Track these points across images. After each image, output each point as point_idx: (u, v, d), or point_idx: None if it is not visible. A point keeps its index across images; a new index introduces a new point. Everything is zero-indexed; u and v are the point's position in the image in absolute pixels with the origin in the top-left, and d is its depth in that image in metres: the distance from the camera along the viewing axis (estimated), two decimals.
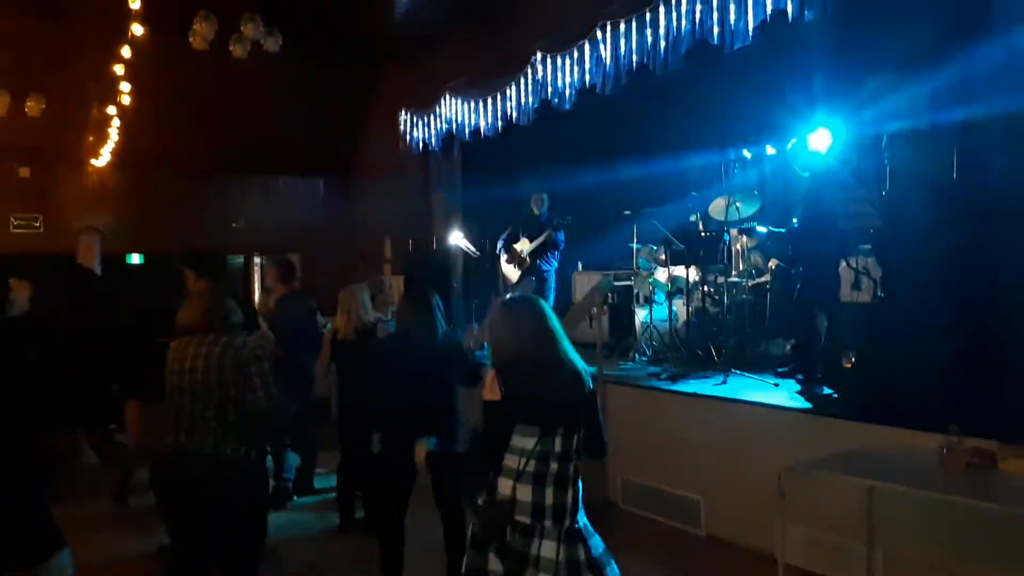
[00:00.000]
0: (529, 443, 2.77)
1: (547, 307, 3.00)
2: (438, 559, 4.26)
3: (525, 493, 2.75)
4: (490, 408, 2.84)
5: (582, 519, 2.82)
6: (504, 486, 2.78)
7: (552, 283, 8.27)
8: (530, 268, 8.09)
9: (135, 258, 12.92)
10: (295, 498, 6.23)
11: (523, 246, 8.17)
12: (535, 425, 2.78)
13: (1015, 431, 3.64)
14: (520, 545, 2.73)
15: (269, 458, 5.26)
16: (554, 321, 2.94)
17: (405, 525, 4.27)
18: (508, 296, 3.14)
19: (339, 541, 5.40)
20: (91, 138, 10.26)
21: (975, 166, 4.15)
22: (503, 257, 8.41)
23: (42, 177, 10.76)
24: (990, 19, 4.28)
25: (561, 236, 8.09)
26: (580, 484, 2.85)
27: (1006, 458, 3.47)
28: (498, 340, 2.98)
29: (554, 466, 2.77)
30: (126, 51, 7.06)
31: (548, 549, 2.72)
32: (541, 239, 8.01)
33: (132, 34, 6.52)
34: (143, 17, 6.44)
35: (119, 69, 7.44)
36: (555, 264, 8.32)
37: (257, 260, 12.72)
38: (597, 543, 2.82)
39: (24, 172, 10.59)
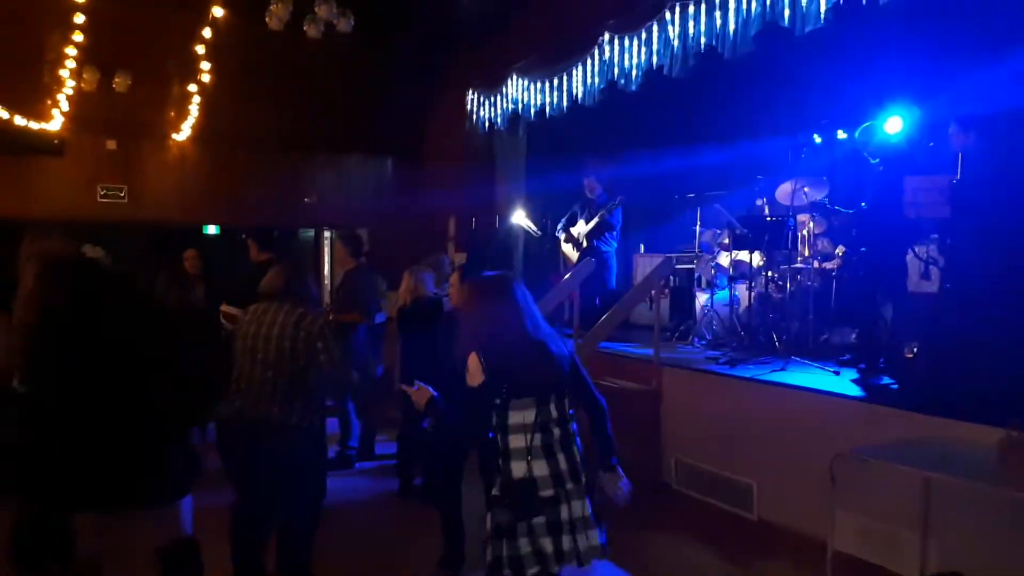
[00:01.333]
0: (529, 416, 2.83)
1: (514, 282, 3.03)
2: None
3: (541, 467, 2.81)
4: (471, 392, 2.86)
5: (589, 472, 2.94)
6: (518, 468, 2.82)
7: (612, 263, 8.30)
8: (588, 249, 8.15)
9: (211, 229, 13.44)
10: (356, 464, 6.48)
11: (580, 228, 8.25)
12: (528, 397, 2.83)
13: None
14: (551, 516, 2.78)
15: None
16: (522, 295, 2.98)
17: (462, 492, 4.43)
18: (483, 275, 3.15)
19: (397, 506, 5.61)
20: (172, 114, 10.69)
21: None
22: (562, 238, 8.49)
23: (127, 150, 11.25)
24: None
25: (616, 216, 8.10)
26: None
27: None
28: (472, 318, 3.01)
29: (557, 431, 2.85)
30: (207, 32, 7.33)
31: (577, 508, 2.82)
32: (596, 220, 8.07)
33: (213, 15, 6.77)
34: None
35: (200, 49, 7.73)
36: (614, 244, 8.33)
37: (327, 234, 13.07)
38: None
39: (111, 145, 11.09)
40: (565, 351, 2.98)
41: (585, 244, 8.20)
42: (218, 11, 6.79)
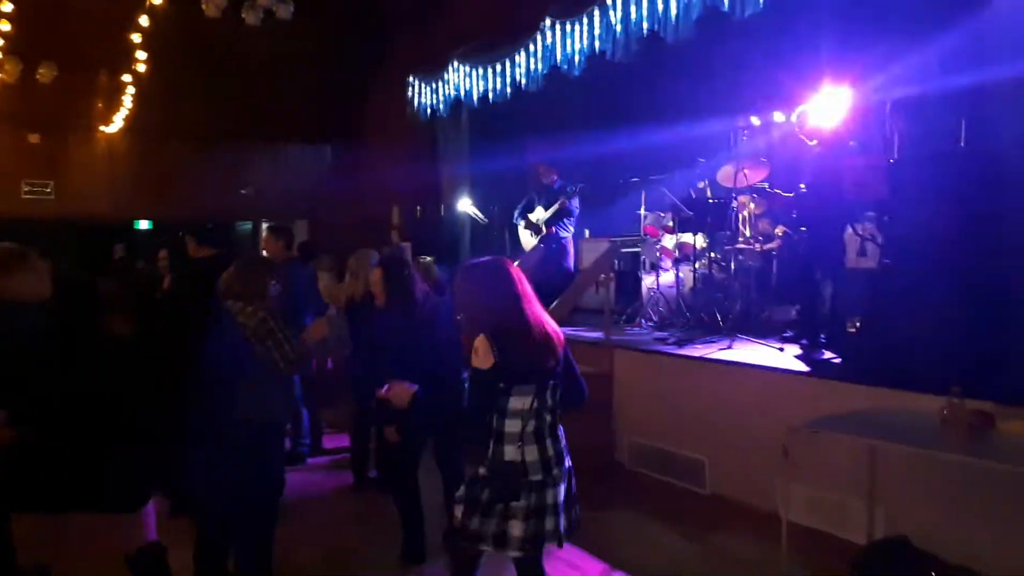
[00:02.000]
0: (526, 402, 2.85)
1: (513, 266, 3.03)
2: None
3: (532, 452, 2.85)
4: (480, 375, 2.83)
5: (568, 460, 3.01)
6: (511, 452, 2.84)
7: (569, 249, 8.39)
8: (547, 236, 8.19)
9: (143, 224, 13.03)
10: (308, 459, 6.40)
11: (539, 215, 8.27)
12: (530, 384, 2.85)
13: (1013, 394, 3.76)
14: (539, 500, 2.85)
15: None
16: (523, 279, 2.99)
17: (420, 484, 4.42)
18: (472, 260, 3.14)
19: (353, 499, 5.56)
20: (101, 105, 10.30)
21: (983, 133, 4.19)
22: (520, 225, 8.50)
23: (52, 144, 10.80)
24: None
25: (574, 203, 8.18)
26: None
27: (1004, 419, 3.58)
28: (475, 304, 2.96)
29: (548, 418, 2.92)
30: (144, 19, 7.06)
31: (561, 492, 2.90)
32: (555, 207, 8.11)
33: (151, 2, 6.53)
34: None
35: (136, 37, 7.45)
36: (572, 230, 8.43)
37: (265, 226, 12.83)
38: None
39: (34, 139, 10.63)
40: (561, 336, 3.00)
41: (544, 231, 8.23)
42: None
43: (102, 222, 11.57)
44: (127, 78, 9.05)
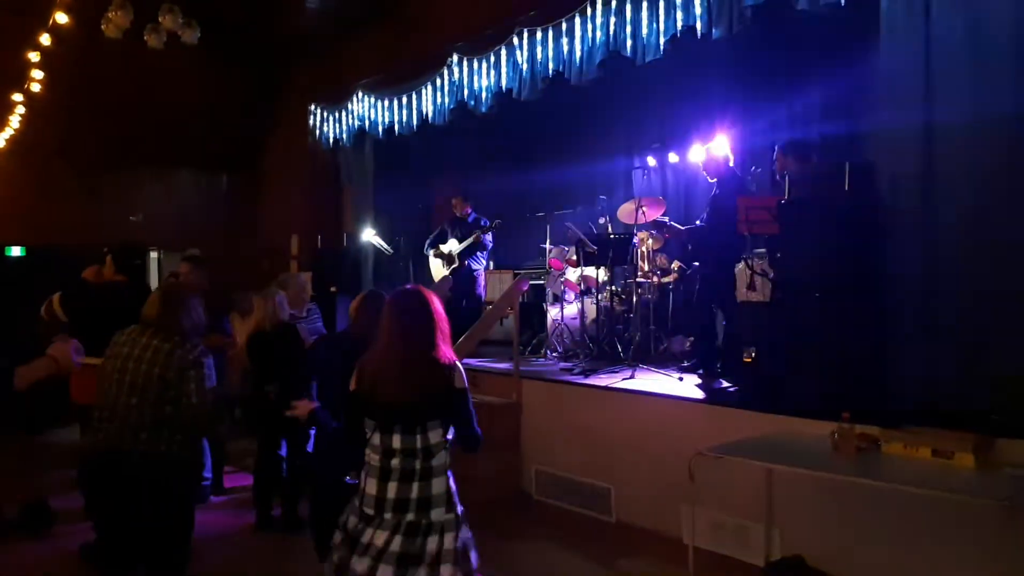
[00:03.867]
0: (375, 437, 2.82)
1: (434, 299, 2.96)
2: None
3: (371, 485, 2.81)
4: (349, 399, 2.89)
5: (437, 515, 2.79)
6: (362, 474, 2.88)
7: (482, 281, 8.48)
8: (459, 267, 8.24)
9: (15, 250, 12.24)
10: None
11: (451, 247, 8.31)
12: (374, 419, 2.82)
13: (895, 418, 4.07)
14: (356, 530, 2.80)
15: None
16: (440, 313, 2.93)
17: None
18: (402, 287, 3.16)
19: (257, 538, 5.38)
20: None
21: (865, 177, 4.55)
22: (430, 254, 8.52)
23: None
24: (873, 38, 4.71)
25: (489, 237, 8.28)
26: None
27: (888, 442, 3.87)
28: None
29: (397, 463, 2.78)
30: (45, 38, 6.72)
31: (384, 540, 2.73)
32: (470, 240, 8.18)
33: (55, 21, 6.21)
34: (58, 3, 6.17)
35: (34, 56, 7.05)
36: (484, 263, 8.52)
37: (153, 255, 12.32)
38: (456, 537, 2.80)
39: None
40: (454, 382, 2.94)
41: (457, 262, 8.28)
42: (62, 17, 6.21)
43: None
44: (18, 97, 8.54)
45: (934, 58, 4.34)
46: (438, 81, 8.18)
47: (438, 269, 8.44)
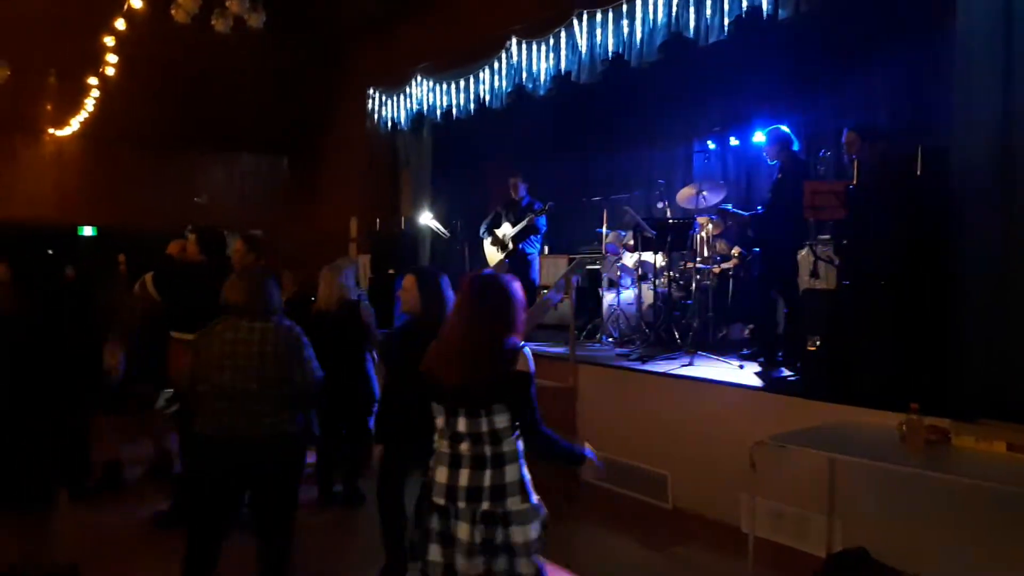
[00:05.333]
0: (440, 421, 2.78)
1: (515, 284, 2.90)
2: None
3: (441, 474, 2.76)
4: (418, 380, 2.87)
5: (513, 503, 2.72)
6: (432, 464, 2.83)
7: (536, 265, 8.42)
8: (513, 252, 8.21)
9: (87, 230, 12.68)
10: None
11: (506, 230, 8.27)
12: (440, 403, 2.77)
13: (967, 410, 3.95)
14: (441, 526, 2.74)
15: None
16: (516, 302, 2.85)
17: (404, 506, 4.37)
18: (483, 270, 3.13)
19: (318, 515, 5.50)
20: (50, 107, 10.03)
21: (938, 160, 4.39)
22: (487, 240, 8.50)
23: None
24: (949, 16, 4.52)
25: (543, 220, 8.19)
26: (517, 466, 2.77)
27: (959, 435, 3.76)
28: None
29: (466, 447, 2.72)
30: (120, 23, 6.94)
31: (465, 531, 2.68)
32: (523, 223, 8.10)
33: (130, 6, 6.41)
34: None
35: (110, 41, 7.29)
36: (538, 247, 8.47)
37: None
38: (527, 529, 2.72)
39: None
40: (517, 369, 2.84)
41: (511, 246, 8.24)
42: (136, 2, 6.41)
43: (47, 227, 11.23)
44: (93, 81, 8.83)
45: (1016, 36, 4.15)
46: (496, 64, 8.16)
47: (492, 254, 8.43)
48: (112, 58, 7.91)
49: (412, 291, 3.94)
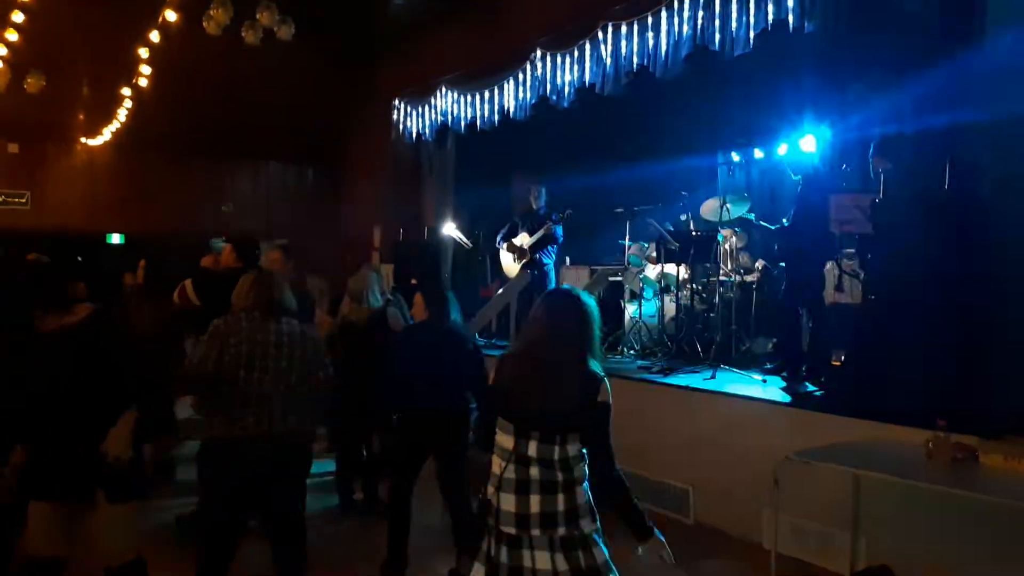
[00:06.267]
0: (508, 441, 2.59)
1: (591, 305, 2.72)
2: (439, 541, 4.57)
3: (508, 502, 2.55)
4: (488, 394, 2.81)
5: (587, 525, 2.58)
6: (490, 489, 2.62)
7: (552, 276, 8.39)
8: (530, 261, 8.18)
9: (115, 238, 12.88)
10: None
11: (523, 240, 8.23)
12: (511, 422, 2.60)
13: (996, 428, 3.88)
14: (510, 559, 2.55)
15: None
16: (594, 321, 2.69)
17: (411, 507, 4.43)
18: (560, 286, 3.09)
19: (339, 522, 5.52)
20: (82, 117, 10.24)
21: (967, 174, 4.35)
22: (503, 248, 8.49)
23: (31, 154, 10.71)
24: (979, 25, 4.48)
25: (559, 230, 8.16)
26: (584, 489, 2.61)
27: (987, 453, 3.70)
28: (527, 327, 2.82)
29: (537, 472, 2.54)
30: (155, 35, 7.09)
31: (547, 560, 2.52)
32: (540, 233, 8.05)
33: (165, 18, 6.55)
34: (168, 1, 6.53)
35: (144, 52, 7.44)
36: (554, 257, 8.44)
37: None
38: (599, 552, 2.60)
39: (13, 148, 10.54)
40: (595, 397, 2.64)
41: (528, 255, 8.21)
42: (171, 15, 6.57)
43: (76, 234, 11.43)
44: (126, 91, 9.00)
45: None
46: (520, 76, 8.21)
47: (508, 263, 8.41)
48: (145, 69, 8.06)
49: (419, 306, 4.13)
